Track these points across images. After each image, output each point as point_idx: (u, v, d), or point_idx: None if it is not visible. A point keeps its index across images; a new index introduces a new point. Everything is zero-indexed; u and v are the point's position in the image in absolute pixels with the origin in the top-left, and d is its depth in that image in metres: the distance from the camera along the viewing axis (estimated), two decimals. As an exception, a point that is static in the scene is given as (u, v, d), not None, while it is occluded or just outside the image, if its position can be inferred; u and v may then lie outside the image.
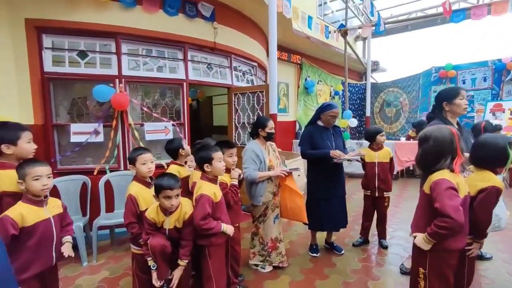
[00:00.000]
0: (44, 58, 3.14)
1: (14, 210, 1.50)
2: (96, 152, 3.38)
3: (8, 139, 1.73)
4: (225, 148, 2.04)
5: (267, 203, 2.44)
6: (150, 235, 1.71)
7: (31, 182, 1.53)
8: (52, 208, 1.65)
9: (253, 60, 5.01)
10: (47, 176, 1.59)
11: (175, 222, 1.76)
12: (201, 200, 1.72)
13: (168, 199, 1.66)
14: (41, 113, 3.16)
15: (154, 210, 1.74)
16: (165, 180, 1.66)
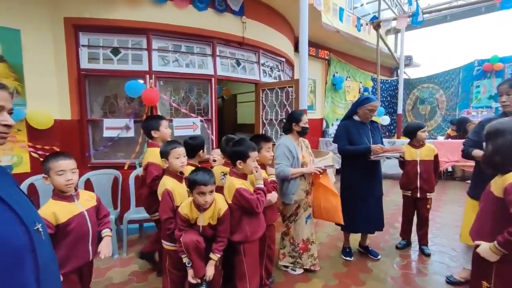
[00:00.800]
0: (81, 55, 3.25)
1: (46, 209, 1.47)
2: (127, 147, 3.44)
3: (154, 126, 2.31)
4: (263, 142, 1.97)
5: (299, 202, 2.31)
6: (182, 232, 1.66)
7: (54, 177, 1.49)
8: (85, 201, 1.61)
9: (281, 55, 4.88)
10: (71, 170, 1.53)
11: (209, 219, 1.69)
12: (241, 195, 1.67)
13: (202, 195, 1.60)
14: (77, 108, 3.27)
15: (188, 206, 1.69)
16: (199, 175, 1.60)
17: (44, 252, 0.94)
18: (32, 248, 0.88)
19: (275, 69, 4.83)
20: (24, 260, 0.85)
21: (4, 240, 0.81)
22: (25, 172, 3.06)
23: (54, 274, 1.01)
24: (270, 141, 2.03)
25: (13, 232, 0.84)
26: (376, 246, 2.95)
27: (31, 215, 0.93)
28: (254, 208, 1.67)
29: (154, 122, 2.35)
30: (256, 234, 1.75)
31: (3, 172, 0.99)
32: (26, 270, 0.85)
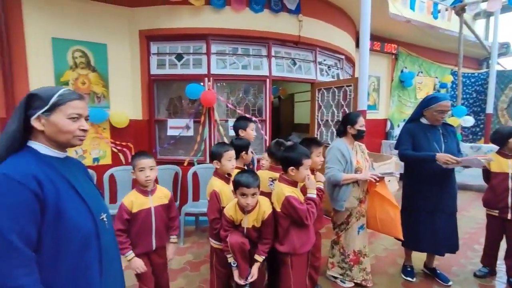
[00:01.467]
0: (151, 62, 3.65)
1: (128, 198, 1.71)
2: (187, 145, 3.73)
3: (243, 126, 2.48)
4: (314, 146, 1.89)
5: (350, 210, 2.15)
6: (228, 232, 1.71)
7: (137, 173, 1.70)
8: (157, 198, 1.77)
9: (340, 53, 4.61)
10: (150, 167, 1.70)
11: (254, 222, 1.70)
12: (290, 203, 1.61)
13: (244, 197, 1.62)
14: (147, 109, 3.69)
15: (232, 207, 1.73)
16: (244, 177, 1.62)
17: (107, 238, 1.09)
18: (97, 235, 1.03)
19: (333, 67, 4.59)
20: (90, 244, 1.01)
21: (76, 227, 0.96)
22: (107, 164, 3.61)
23: (115, 257, 1.17)
24: (321, 146, 1.94)
25: (83, 220, 1.00)
26: (447, 269, 2.54)
27: (98, 206, 1.09)
28: (303, 220, 1.61)
29: (243, 123, 2.49)
30: (305, 247, 1.69)
31: (81, 167, 1.18)
32: (91, 252, 1.00)
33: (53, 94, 0.97)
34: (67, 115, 0.97)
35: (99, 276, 1.02)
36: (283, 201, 1.63)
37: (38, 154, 0.96)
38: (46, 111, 0.94)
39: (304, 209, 1.61)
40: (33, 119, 0.93)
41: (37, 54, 3.16)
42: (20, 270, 0.82)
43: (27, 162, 0.91)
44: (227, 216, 1.71)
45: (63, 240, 0.93)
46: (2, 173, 0.86)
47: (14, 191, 0.85)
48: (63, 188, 0.96)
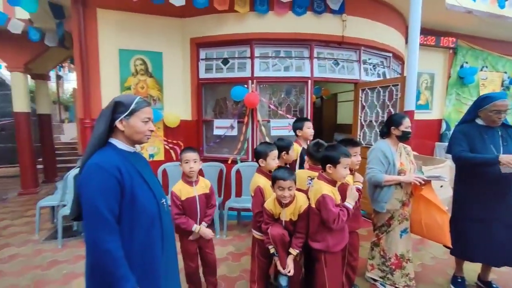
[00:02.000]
0: (200, 67, 3.97)
1: (176, 187, 2.00)
2: (231, 144, 3.96)
3: (299, 126, 2.65)
4: (349, 146, 1.92)
5: (392, 212, 2.11)
6: (268, 225, 1.84)
7: (183, 165, 1.97)
8: (200, 187, 2.04)
9: (387, 50, 4.41)
10: (193, 160, 1.97)
11: (291, 215, 1.81)
12: (324, 202, 1.67)
13: (281, 190, 1.73)
14: (196, 111, 4.02)
15: (272, 202, 1.86)
16: (280, 172, 1.76)
17: (166, 219, 1.31)
18: (160, 216, 1.25)
19: (379, 66, 4.42)
20: (155, 222, 1.23)
21: (145, 208, 1.20)
22: (160, 160, 4.02)
23: (172, 238, 1.39)
24: (358, 146, 1.95)
25: (150, 203, 1.23)
26: (506, 284, 2.31)
27: (160, 193, 1.32)
28: (330, 222, 1.64)
29: (299, 123, 2.66)
30: (338, 246, 1.73)
31: (145, 160, 1.42)
32: (156, 229, 1.23)
33: (132, 101, 1.21)
34: (141, 119, 1.21)
35: (161, 251, 1.23)
36: (319, 197, 1.69)
37: (117, 148, 1.20)
38: (126, 115, 1.18)
39: (335, 212, 1.65)
40: (117, 122, 1.18)
41: (107, 64, 3.68)
42: (108, 237, 1.06)
43: (111, 155, 1.16)
44: (267, 210, 1.84)
45: (136, 218, 1.16)
46: (95, 163, 1.11)
47: (104, 177, 1.09)
48: (135, 176, 1.19)
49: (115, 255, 1.05)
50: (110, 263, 1.05)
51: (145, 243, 1.18)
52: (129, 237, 1.13)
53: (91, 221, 1.07)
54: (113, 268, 1.05)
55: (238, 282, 2.40)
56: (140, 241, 1.16)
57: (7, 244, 3.23)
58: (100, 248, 1.04)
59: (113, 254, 1.05)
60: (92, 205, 1.06)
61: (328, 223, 1.66)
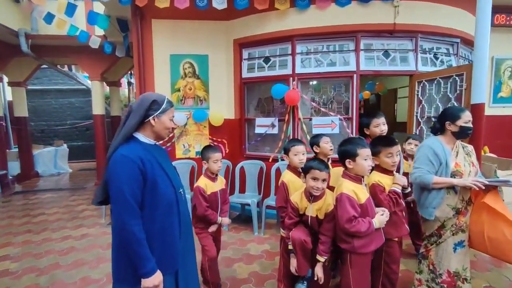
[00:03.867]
0: (243, 67, 4.06)
1: (201, 182, 2.12)
2: (272, 142, 3.95)
3: (366, 123, 2.31)
4: (382, 146, 1.74)
5: (443, 221, 1.80)
6: (292, 220, 1.77)
7: (211, 164, 2.11)
8: (219, 183, 2.20)
9: (454, 36, 3.82)
10: (220, 160, 2.14)
11: (317, 212, 1.72)
12: (341, 201, 1.56)
13: (315, 180, 1.66)
14: (239, 109, 4.13)
15: (299, 195, 1.80)
16: (315, 162, 1.72)
17: (183, 207, 1.39)
18: (177, 203, 1.34)
19: (443, 55, 3.85)
20: (173, 209, 1.33)
21: (164, 195, 1.29)
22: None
23: (189, 223, 1.47)
24: (393, 145, 1.73)
25: (169, 190, 1.31)
26: None
27: (177, 182, 1.40)
28: (343, 222, 1.53)
29: (365, 120, 2.32)
30: (366, 247, 1.57)
31: (165, 152, 1.53)
32: (174, 215, 1.32)
33: (163, 100, 1.34)
34: (169, 117, 1.35)
35: (179, 236, 1.32)
36: (337, 195, 1.59)
37: (140, 142, 1.31)
38: (159, 112, 1.30)
39: (350, 212, 1.51)
40: (151, 118, 1.30)
41: (161, 69, 4.05)
42: (133, 221, 1.18)
43: (136, 148, 1.27)
44: (293, 203, 1.78)
45: (156, 203, 1.26)
46: (122, 154, 1.23)
47: (129, 166, 1.20)
48: (156, 166, 1.28)
49: (138, 236, 1.17)
50: (134, 243, 1.17)
51: (164, 227, 1.28)
52: (150, 220, 1.24)
53: (118, 205, 1.19)
54: (136, 247, 1.17)
55: (269, 281, 2.38)
56: (160, 225, 1.27)
57: (81, 225, 3.83)
58: (125, 230, 1.17)
59: (136, 235, 1.17)
60: (119, 192, 1.18)
61: (340, 223, 1.54)
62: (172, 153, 4.14)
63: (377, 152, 1.73)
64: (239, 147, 4.15)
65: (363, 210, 1.56)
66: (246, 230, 3.51)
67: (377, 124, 2.21)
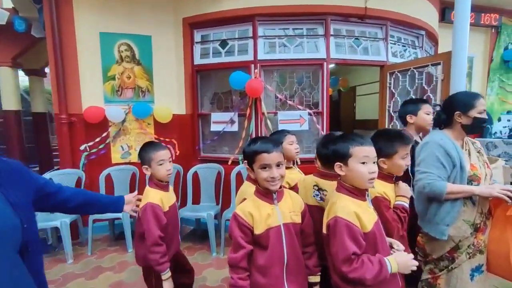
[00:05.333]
0: (195, 52, 3.37)
1: (154, 196, 1.49)
2: (232, 142, 3.34)
3: (410, 110, 1.94)
4: (399, 143, 1.26)
5: (458, 241, 1.40)
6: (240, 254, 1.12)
7: (156, 167, 1.50)
8: (172, 193, 1.65)
9: (419, 27, 3.65)
10: (169, 160, 1.55)
11: (291, 213, 1.17)
12: (336, 228, 1.02)
13: (266, 169, 1.10)
14: (190, 103, 3.43)
15: (250, 202, 1.18)
16: (258, 143, 1.14)
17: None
18: None
19: (409, 47, 3.66)
20: None
21: None
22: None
23: None
24: (409, 144, 1.28)
25: None
26: None
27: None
28: (338, 262, 1.02)
29: (411, 106, 1.94)
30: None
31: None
32: None
33: None
34: None
35: None
36: (330, 219, 1.06)
37: None
38: None
39: (349, 250, 0.99)
40: None
41: (87, 50, 3.14)
42: None
43: None
44: (243, 219, 1.11)
45: None
46: None
47: None
48: None
49: None
50: None
51: None
52: None
53: None
54: None
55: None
56: None
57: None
58: None
59: None
60: None
61: (335, 263, 1.02)
62: (107, 157, 3.27)
63: (391, 153, 1.24)
64: (191, 148, 3.46)
65: (369, 242, 1.04)
66: (203, 249, 2.85)
67: (428, 111, 1.88)
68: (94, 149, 3.19)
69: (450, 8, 4.60)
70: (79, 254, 2.78)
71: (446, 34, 4.36)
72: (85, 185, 3.04)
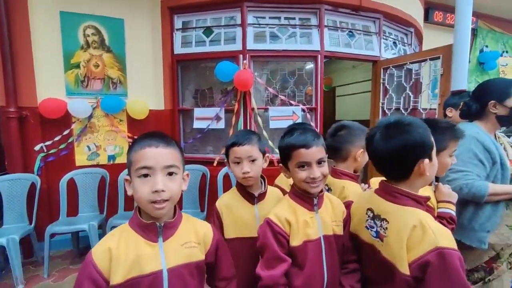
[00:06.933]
0: (175, 40, 3.00)
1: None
2: (217, 140, 3.02)
3: (456, 102, 1.87)
4: (451, 137, 1.03)
5: (499, 249, 1.21)
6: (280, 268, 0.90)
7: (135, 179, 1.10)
8: None
9: (409, 24, 3.59)
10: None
11: (333, 223, 0.93)
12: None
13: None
14: (170, 97, 3.05)
15: (285, 205, 0.95)
16: (294, 135, 0.91)
17: None
18: None
19: (399, 43, 3.58)
20: None
21: None
22: (124, 163, 3.02)
23: None
24: (462, 139, 1.06)
25: None
26: None
27: None
28: None
29: (454, 98, 1.86)
30: None
31: None
32: None
33: None
34: None
35: None
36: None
37: None
38: None
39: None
40: None
41: (43, 31, 2.65)
42: None
43: None
44: (279, 226, 0.88)
45: None
46: None
47: None
48: None
49: None
50: None
51: None
52: None
53: None
54: None
55: None
56: None
57: None
58: None
59: None
60: None
61: None
62: (70, 159, 2.79)
63: (439, 148, 0.99)
64: (172, 148, 3.07)
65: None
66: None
67: None
68: (53, 149, 2.70)
69: (433, 8, 4.67)
70: (33, 276, 2.29)
71: (428, 33, 4.43)
72: (41, 192, 2.54)
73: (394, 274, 0.76)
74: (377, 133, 0.83)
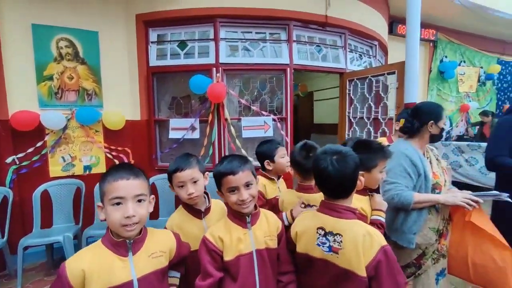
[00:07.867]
0: (150, 53, 3.09)
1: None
2: (193, 150, 3.12)
3: None
4: (381, 156, 1.22)
5: (424, 248, 1.43)
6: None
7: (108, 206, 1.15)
8: None
9: (373, 38, 3.87)
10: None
11: (267, 238, 1.06)
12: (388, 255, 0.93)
13: (234, 192, 1.01)
14: (146, 108, 3.12)
15: (221, 225, 1.07)
16: (223, 164, 1.04)
17: None
18: None
19: (365, 55, 3.86)
20: None
21: None
22: (102, 173, 3.06)
23: None
24: (390, 158, 1.26)
25: None
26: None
27: None
28: None
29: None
30: None
31: None
32: None
33: None
34: None
35: None
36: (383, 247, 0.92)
37: None
38: None
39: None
40: None
41: (14, 43, 2.65)
42: None
43: None
44: (212, 243, 1.01)
45: None
46: None
47: None
48: None
49: None
50: None
51: None
52: None
53: None
54: None
55: None
56: None
57: None
58: None
59: None
60: None
61: None
62: (43, 171, 2.80)
63: (371, 166, 1.19)
64: (147, 158, 3.14)
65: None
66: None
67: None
68: (26, 161, 2.71)
69: (397, 22, 5.02)
70: (6, 290, 2.31)
71: (393, 45, 4.77)
72: (13, 205, 2.54)
73: (352, 279, 0.90)
74: (328, 163, 0.94)
